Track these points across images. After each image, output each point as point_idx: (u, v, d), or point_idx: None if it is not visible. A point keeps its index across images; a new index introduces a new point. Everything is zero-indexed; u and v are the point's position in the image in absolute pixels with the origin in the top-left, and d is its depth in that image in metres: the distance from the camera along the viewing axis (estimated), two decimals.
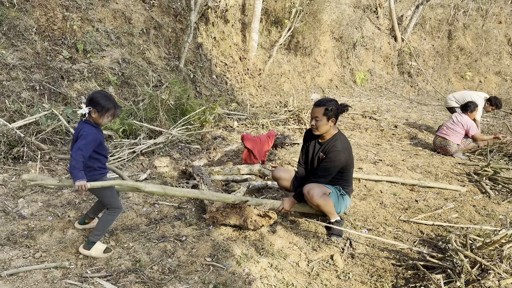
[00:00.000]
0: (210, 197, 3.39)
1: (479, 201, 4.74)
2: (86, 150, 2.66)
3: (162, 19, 7.68)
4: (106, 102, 2.72)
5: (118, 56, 6.50)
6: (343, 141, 3.53)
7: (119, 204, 2.95)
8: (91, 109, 2.70)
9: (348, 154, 3.51)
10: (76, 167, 2.58)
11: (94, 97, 2.71)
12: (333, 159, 3.44)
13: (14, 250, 2.86)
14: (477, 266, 2.67)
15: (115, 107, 2.80)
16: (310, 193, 3.39)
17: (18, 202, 3.53)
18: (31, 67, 5.38)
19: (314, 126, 3.48)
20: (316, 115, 3.43)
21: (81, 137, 2.67)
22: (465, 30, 16.76)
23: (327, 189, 3.50)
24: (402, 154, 6.53)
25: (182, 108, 5.98)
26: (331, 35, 12.84)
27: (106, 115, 2.75)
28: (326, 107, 3.39)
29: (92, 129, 2.74)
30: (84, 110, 2.69)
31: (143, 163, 4.76)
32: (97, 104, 2.70)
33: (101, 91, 2.96)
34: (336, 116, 3.45)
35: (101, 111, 2.72)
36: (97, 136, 2.75)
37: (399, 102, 12.38)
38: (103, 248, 2.94)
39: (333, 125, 3.48)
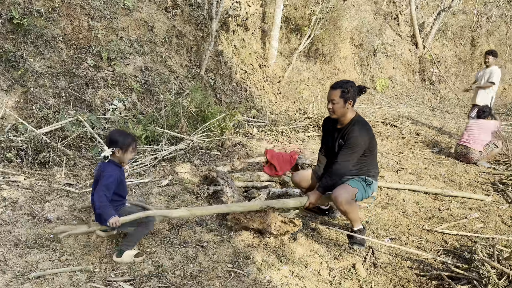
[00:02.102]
0: (236, 209, 3.40)
1: (505, 211, 4.63)
2: (109, 190, 2.81)
3: (184, 28, 7.80)
4: (125, 138, 2.89)
5: (141, 64, 6.62)
6: (362, 124, 3.42)
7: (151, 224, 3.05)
8: (114, 149, 2.86)
9: (367, 138, 3.40)
10: (104, 206, 2.75)
11: (113, 137, 2.88)
12: (352, 145, 3.36)
13: (40, 253, 2.93)
14: (505, 278, 2.60)
15: (134, 140, 2.97)
16: (338, 199, 3.35)
17: (44, 206, 3.62)
18: (57, 75, 5.53)
19: (331, 109, 3.41)
20: (333, 98, 3.35)
21: (104, 178, 2.82)
22: (488, 37, 16.48)
23: (354, 190, 3.41)
24: (424, 163, 6.43)
25: (202, 115, 6.04)
26: (351, 42, 12.80)
27: (128, 150, 2.92)
28: (342, 89, 3.32)
29: (115, 169, 2.89)
30: (108, 152, 2.85)
31: (164, 169, 4.82)
32: (118, 142, 2.86)
33: (116, 130, 3.12)
34: (353, 99, 3.37)
35: (123, 148, 2.88)
36: (119, 176, 2.90)
37: (421, 109, 12.21)
38: (134, 253, 2.99)
39: (350, 107, 3.39)
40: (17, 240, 3.06)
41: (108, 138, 2.90)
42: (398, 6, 14.67)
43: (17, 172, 4.15)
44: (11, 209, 3.50)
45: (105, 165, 2.89)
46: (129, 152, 2.92)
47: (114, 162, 2.92)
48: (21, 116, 4.96)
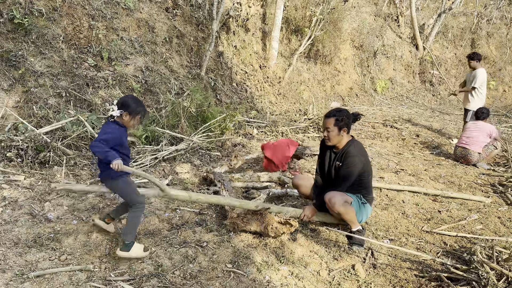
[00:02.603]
0: (233, 203, 3.42)
1: (505, 212, 4.63)
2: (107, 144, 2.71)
3: (185, 28, 7.81)
4: (137, 105, 2.85)
5: (142, 64, 6.63)
6: (358, 146, 3.51)
7: (142, 200, 2.99)
8: (123, 112, 2.80)
9: (364, 159, 3.48)
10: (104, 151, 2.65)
11: (126, 101, 2.84)
12: (350, 165, 3.42)
13: (40, 252, 2.93)
14: (504, 279, 2.61)
15: (144, 110, 2.92)
16: (331, 201, 3.37)
17: (44, 205, 3.62)
18: (58, 75, 5.53)
19: (326, 137, 3.51)
20: (327, 126, 3.45)
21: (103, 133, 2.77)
22: (488, 39, 16.48)
23: (348, 197, 3.47)
24: (424, 164, 6.43)
25: (203, 115, 6.05)
26: (352, 44, 12.81)
27: (136, 117, 2.87)
28: (336, 117, 3.41)
29: (117, 128, 2.83)
30: (116, 113, 2.80)
31: (164, 169, 4.82)
32: (129, 107, 2.81)
33: (132, 95, 3.06)
34: (347, 126, 3.45)
35: (132, 114, 2.83)
36: (120, 135, 2.83)
37: (421, 111, 12.22)
38: (142, 247, 3.00)
39: (345, 134, 3.48)
40: (17, 239, 3.06)
41: (121, 100, 2.85)
42: (399, 8, 14.69)
43: (17, 172, 4.15)
44: (11, 208, 3.51)
45: (108, 124, 2.84)
46: (136, 119, 2.88)
47: (118, 123, 2.85)
48: (22, 116, 4.96)
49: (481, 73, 7.64)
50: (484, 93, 7.78)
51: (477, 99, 7.74)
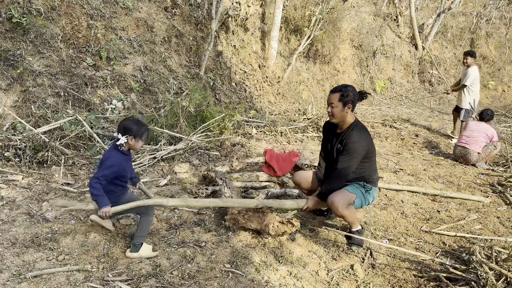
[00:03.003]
0: (231, 204, 3.40)
1: (504, 212, 4.63)
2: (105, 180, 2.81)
3: (184, 28, 7.79)
4: (139, 127, 2.91)
5: (140, 63, 6.61)
6: (360, 130, 3.42)
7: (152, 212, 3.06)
8: (128, 137, 2.86)
9: (365, 144, 3.39)
10: (97, 195, 2.75)
11: (128, 125, 2.89)
12: (351, 151, 3.34)
13: (38, 253, 2.92)
14: (503, 279, 2.60)
15: (147, 129, 2.98)
16: (334, 204, 3.33)
17: (42, 205, 3.61)
18: (56, 74, 5.52)
19: (330, 112, 3.41)
20: (332, 102, 3.36)
21: (105, 166, 2.83)
22: (488, 39, 16.48)
23: (351, 196, 3.40)
24: (423, 164, 6.43)
25: (202, 115, 6.03)
26: (351, 43, 12.80)
27: (141, 139, 2.93)
28: (341, 92, 3.32)
29: (121, 160, 2.90)
30: (122, 140, 2.86)
31: (163, 168, 4.81)
32: (131, 130, 2.87)
33: (130, 118, 3.10)
34: (353, 103, 3.36)
35: (137, 137, 2.90)
36: (122, 165, 2.91)
37: (420, 111, 12.20)
38: (151, 247, 3.03)
39: (350, 112, 3.38)
40: (15, 239, 3.05)
41: (122, 125, 2.89)
42: (398, 8, 14.68)
43: (15, 171, 4.14)
44: (9, 208, 3.49)
45: (112, 151, 2.91)
46: (141, 141, 2.94)
47: (122, 150, 2.92)
48: (20, 115, 4.95)
49: (473, 71, 7.79)
50: (476, 91, 7.89)
51: (468, 97, 7.87)
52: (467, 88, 7.82)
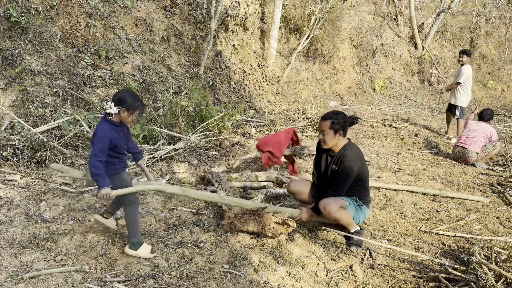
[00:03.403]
0: (229, 202, 3.39)
1: (503, 212, 4.62)
2: (102, 155, 2.67)
3: (183, 27, 7.77)
4: (134, 100, 2.76)
5: (139, 63, 6.60)
6: (354, 150, 3.47)
7: (134, 199, 2.97)
8: (121, 108, 2.71)
9: (360, 162, 3.44)
10: (98, 174, 2.61)
11: (123, 96, 2.73)
12: (346, 169, 3.39)
13: (35, 253, 2.91)
14: (502, 280, 2.59)
15: (142, 105, 2.83)
16: (326, 209, 3.35)
17: (40, 205, 3.60)
18: (54, 73, 5.50)
19: (322, 140, 3.47)
20: (323, 129, 3.41)
21: (95, 140, 2.69)
22: (487, 38, 16.47)
23: (343, 202, 3.44)
24: (422, 164, 6.41)
25: (201, 114, 6.02)
26: (350, 43, 12.78)
27: (135, 113, 2.78)
28: (332, 120, 3.37)
29: (109, 129, 2.73)
30: (114, 110, 2.70)
31: (162, 168, 4.80)
32: (126, 102, 2.71)
33: (128, 90, 2.98)
34: (343, 129, 3.41)
35: (130, 110, 2.74)
36: (113, 136, 2.74)
37: (419, 110, 12.20)
38: (150, 248, 3.00)
39: (341, 137, 3.44)
40: (12, 239, 3.03)
41: (117, 96, 2.74)
42: (398, 7, 14.66)
43: (13, 171, 4.12)
44: (7, 208, 3.48)
45: (102, 123, 2.76)
46: (134, 115, 2.79)
47: (112, 121, 2.76)
48: (18, 115, 4.93)
49: (467, 69, 7.97)
50: (470, 88, 8.08)
51: (463, 94, 8.04)
52: (461, 86, 7.98)
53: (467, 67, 8.00)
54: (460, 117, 8.14)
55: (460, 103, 8.04)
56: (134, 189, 2.83)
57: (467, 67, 7.99)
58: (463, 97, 8.04)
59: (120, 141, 2.83)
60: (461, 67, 8.04)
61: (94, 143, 2.69)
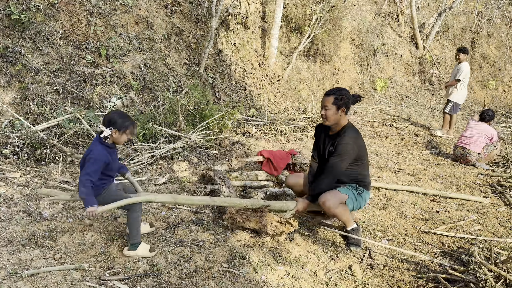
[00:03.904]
0: (221, 203, 3.38)
1: (503, 213, 4.61)
2: (95, 175, 2.76)
3: (184, 25, 7.76)
4: (124, 120, 2.85)
5: (140, 61, 6.59)
6: (353, 132, 3.40)
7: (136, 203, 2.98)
8: (112, 129, 2.81)
9: (357, 146, 3.37)
10: (86, 193, 2.69)
11: (113, 118, 2.84)
12: (341, 152, 3.33)
13: (35, 251, 2.90)
14: (502, 281, 2.58)
15: (133, 124, 2.91)
16: (326, 204, 3.32)
17: (39, 203, 3.59)
18: (55, 71, 5.50)
19: (323, 115, 3.40)
20: (326, 104, 3.36)
21: (90, 161, 2.76)
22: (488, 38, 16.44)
23: (343, 196, 3.39)
24: (423, 164, 6.41)
25: (201, 113, 6.02)
26: (351, 42, 12.76)
27: (126, 132, 2.87)
28: (335, 95, 3.32)
29: (103, 151, 2.83)
30: (106, 132, 2.81)
31: (162, 167, 4.79)
32: (116, 123, 2.82)
33: (116, 111, 3.07)
34: (346, 106, 3.36)
35: (121, 130, 2.84)
36: (106, 158, 2.84)
37: (420, 110, 12.18)
38: (148, 247, 3.01)
39: (343, 115, 3.38)
40: (12, 237, 3.03)
41: (107, 118, 2.84)
42: (399, 7, 14.63)
43: (13, 169, 4.12)
44: (6, 206, 3.48)
45: (95, 145, 2.84)
46: (125, 134, 2.87)
47: (105, 143, 2.86)
48: (18, 112, 4.93)
49: (466, 66, 8.18)
50: (466, 86, 8.30)
51: (460, 91, 8.25)
52: (459, 82, 8.16)
53: (466, 64, 8.18)
54: (450, 112, 8.36)
55: (455, 99, 8.25)
56: (121, 203, 2.83)
57: (465, 64, 8.17)
58: (459, 94, 8.24)
59: (112, 162, 2.92)
60: (460, 64, 8.22)
61: (89, 164, 2.76)
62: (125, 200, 2.86)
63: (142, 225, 3.27)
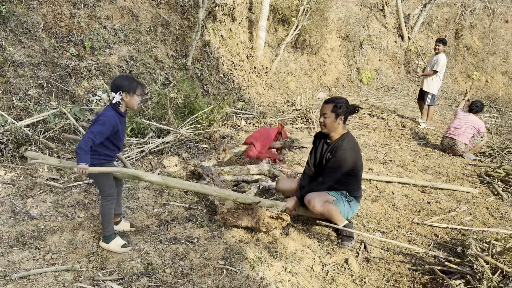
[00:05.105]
0: (211, 192, 3.34)
1: (492, 203, 4.67)
2: (99, 137, 2.65)
3: (170, 17, 7.61)
4: (131, 82, 2.77)
5: (126, 53, 6.44)
6: (351, 141, 3.43)
7: (111, 192, 2.89)
8: (122, 93, 2.72)
9: (355, 155, 3.41)
10: (83, 149, 2.57)
11: (119, 82, 2.75)
12: (339, 158, 3.36)
13: (24, 252, 2.81)
14: (498, 272, 2.60)
15: (140, 84, 2.82)
16: (311, 203, 3.33)
17: (26, 202, 3.48)
18: (38, 64, 5.32)
19: (322, 123, 3.43)
20: (325, 112, 3.38)
21: (99, 122, 2.67)
22: (472, 29, 16.63)
23: (329, 197, 3.41)
24: (411, 155, 6.45)
25: (190, 106, 5.92)
26: (338, 34, 12.74)
27: (136, 94, 2.78)
28: (335, 104, 3.35)
29: (115, 116, 2.74)
30: (117, 97, 2.71)
31: (152, 162, 4.70)
32: (123, 86, 2.72)
33: (121, 75, 2.98)
34: (345, 115, 3.39)
35: (130, 92, 2.74)
36: (116, 124, 2.74)
37: (406, 101, 12.27)
38: (121, 243, 2.94)
39: (342, 123, 3.41)
40: None
41: (113, 83, 2.75)
42: None
43: None
44: None
45: (107, 109, 2.76)
46: (136, 95, 2.78)
47: (117, 109, 2.77)
48: (1, 108, 4.76)
49: (443, 58, 8.30)
50: (442, 77, 8.43)
51: (436, 82, 8.34)
52: (437, 74, 8.25)
53: (443, 55, 8.29)
54: (431, 104, 8.48)
55: (432, 90, 8.35)
56: (111, 169, 2.79)
57: (443, 56, 8.28)
58: (435, 85, 8.34)
59: (121, 130, 2.83)
60: (437, 55, 8.30)
61: (97, 124, 2.67)
62: (117, 169, 2.83)
63: (122, 223, 3.20)
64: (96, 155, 2.76)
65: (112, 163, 2.98)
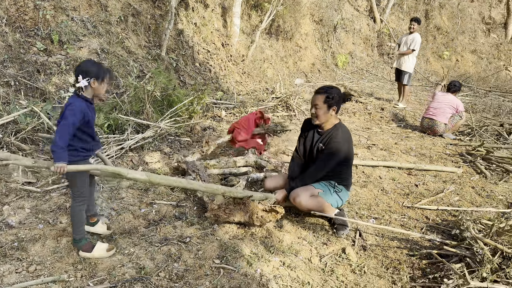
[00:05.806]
0: (198, 187, 3.20)
1: (477, 182, 4.73)
2: (73, 129, 2.46)
3: (140, 6, 7.30)
4: (99, 68, 2.57)
5: (96, 46, 6.13)
6: (345, 132, 3.35)
7: (83, 191, 2.71)
8: (90, 80, 2.51)
9: (348, 145, 3.34)
10: (59, 146, 2.39)
11: (86, 67, 2.53)
12: (333, 150, 3.27)
13: (4, 265, 2.61)
14: (498, 254, 2.60)
15: (108, 70, 2.64)
16: (296, 201, 3.26)
17: (3, 209, 3.25)
18: (3, 61, 4.99)
19: (313, 114, 3.31)
20: (316, 103, 3.26)
21: (70, 111, 2.45)
22: (441, 10, 16.87)
23: (315, 190, 3.34)
24: (393, 137, 6.48)
25: (168, 99, 5.70)
26: (311, 18, 12.65)
27: (105, 80, 2.60)
28: (327, 94, 3.23)
29: (83, 104, 2.53)
30: (83, 83, 2.50)
31: (133, 159, 4.51)
32: (92, 72, 2.52)
33: (88, 60, 2.75)
34: (338, 105, 3.28)
35: (99, 78, 2.55)
36: (87, 112, 2.54)
37: (381, 84, 12.37)
38: (105, 247, 2.77)
39: (334, 114, 3.31)
40: None
41: (79, 68, 2.51)
42: None
43: None
44: None
45: (74, 98, 2.54)
46: (104, 83, 2.60)
47: (84, 97, 2.55)
48: None
49: (419, 37, 8.42)
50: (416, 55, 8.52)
51: (412, 60, 8.44)
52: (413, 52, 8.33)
53: (418, 35, 8.37)
54: (407, 83, 8.57)
55: (409, 69, 8.41)
56: (91, 167, 2.62)
57: (418, 35, 8.36)
58: (411, 64, 8.41)
59: (92, 118, 2.62)
60: (413, 34, 8.36)
61: (68, 113, 2.45)
62: (97, 166, 2.66)
63: (99, 225, 3.02)
64: (73, 150, 2.57)
65: (89, 160, 2.80)
